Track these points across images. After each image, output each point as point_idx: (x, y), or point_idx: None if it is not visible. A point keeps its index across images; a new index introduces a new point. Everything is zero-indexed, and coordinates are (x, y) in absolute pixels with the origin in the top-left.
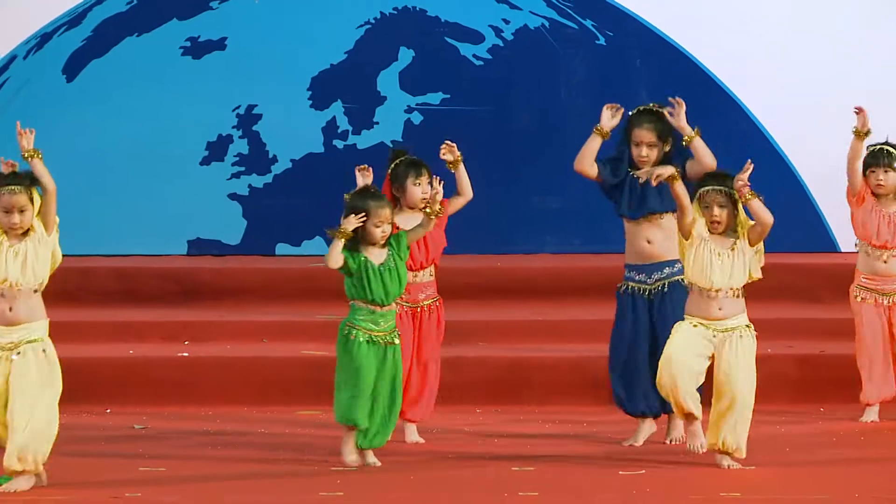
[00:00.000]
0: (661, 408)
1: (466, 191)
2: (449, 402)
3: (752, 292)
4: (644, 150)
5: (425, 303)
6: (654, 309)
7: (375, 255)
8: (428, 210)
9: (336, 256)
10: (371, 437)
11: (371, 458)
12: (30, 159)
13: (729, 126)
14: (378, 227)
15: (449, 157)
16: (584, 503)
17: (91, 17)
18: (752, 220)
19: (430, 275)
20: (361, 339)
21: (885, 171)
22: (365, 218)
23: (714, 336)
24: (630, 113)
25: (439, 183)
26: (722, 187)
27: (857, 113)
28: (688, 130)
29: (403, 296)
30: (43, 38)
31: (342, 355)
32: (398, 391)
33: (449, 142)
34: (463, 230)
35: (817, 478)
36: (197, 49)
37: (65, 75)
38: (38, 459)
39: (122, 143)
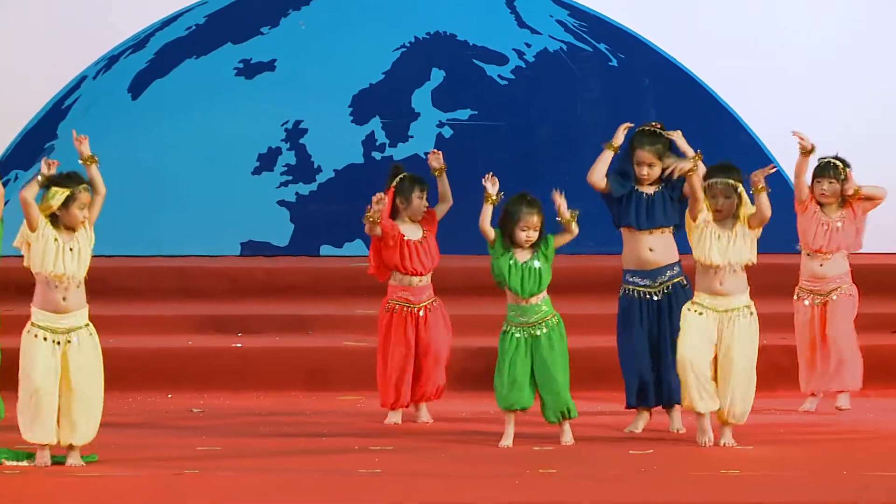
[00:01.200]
0: (659, 401)
1: (449, 197)
2: (476, 388)
3: (750, 289)
4: (645, 170)
5: (426, 302)
6: (660, 310)
7: (521, 255)
8: (567, 220)
9: (485, 219)
10: (557, 411)
11: (567, 434)
12: (89, 164)
13: (727, 137)
14: (524, 231)
15: (436, 165)
16: (597, 478)
17: (154, 42)
18: (755, 208)
19: (429, 280)
20: (514, 334)
21: (830, 183)
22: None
23: (719, 320)
24: (633, 132)
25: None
26: (727, 180)
27: (797, 137)
28: (691, 153)
29: (411, 298)
30: (111, 60)
31: (500, 347)
32: (557, 368)
33: (436, 150)
34: (478, 235)
35: (808, 456)
36: (249, 70)
37: (130, 94)
38: (95, 430)
39: (182, 155)
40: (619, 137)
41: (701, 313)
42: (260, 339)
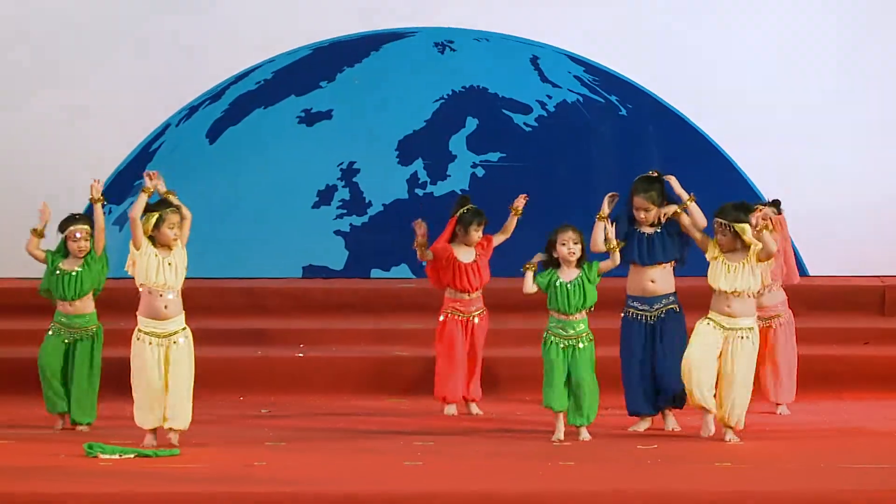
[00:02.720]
0: (657, 408)
1: (510, 231)
2: (506, 391)
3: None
4: (642, 213)
5: (476, 314)
6: (655, 331)
7: (566, 274)
8: (613, 246)
9: (528, 285)
10: (580, 417)
11: (584, 433)
12: (168, 196)
13: (721, 179)
14: (564, 244)
15: (520, 208)
16: (609, 469)
17: (228, 94)
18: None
19: (479, 295)
20: (554, 342)
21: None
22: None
23: (724, 335)
24: (634, 180)
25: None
26: (722, 220)
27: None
28: (685, 195)
29: (462, 309)
30: (191, 110)
31: (543, 355)
32: (586, 379)
33: (525, 195)
34: (519, 261)
35: (791, 452)
36: (310, 118)
37: (207, 139)
38: (190, 414)
39: (252, 191)
40: (605, 208)
41: (709, 324)
42: (319, 350)
